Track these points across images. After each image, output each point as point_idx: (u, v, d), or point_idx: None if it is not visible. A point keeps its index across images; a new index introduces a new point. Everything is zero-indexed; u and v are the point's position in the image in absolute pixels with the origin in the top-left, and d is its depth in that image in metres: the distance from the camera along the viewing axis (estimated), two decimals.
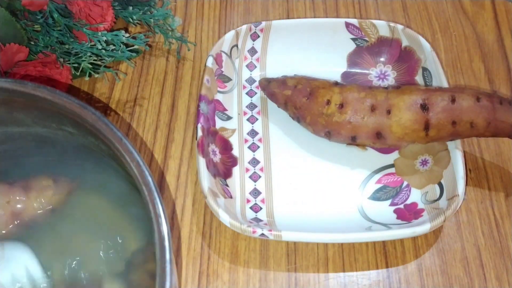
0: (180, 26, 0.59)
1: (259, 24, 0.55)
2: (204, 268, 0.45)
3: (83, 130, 0.33)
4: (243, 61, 0.55)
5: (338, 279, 0.45)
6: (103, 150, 0.34)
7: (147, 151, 0.51)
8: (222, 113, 0.52)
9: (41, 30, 0.50)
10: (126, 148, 0.31)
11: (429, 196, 0.47)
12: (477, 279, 0.45)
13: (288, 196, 0.48)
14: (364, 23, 0.54)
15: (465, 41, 0.59)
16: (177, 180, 0.49)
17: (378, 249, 0.46)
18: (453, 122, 0.45)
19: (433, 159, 0.49)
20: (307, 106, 0.49)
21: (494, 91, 0.55)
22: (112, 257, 0.38)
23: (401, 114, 0.46)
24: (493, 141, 0.52)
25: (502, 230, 0.47)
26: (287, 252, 0.46)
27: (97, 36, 0.49)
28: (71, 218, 0.40)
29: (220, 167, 0.49)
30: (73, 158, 0.39)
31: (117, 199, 0.39)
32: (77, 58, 0.50)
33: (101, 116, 0.31)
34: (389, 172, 0.50)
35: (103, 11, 0.50)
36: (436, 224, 0.44)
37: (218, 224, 0.47)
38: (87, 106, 0.32)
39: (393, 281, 0.45)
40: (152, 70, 0.56)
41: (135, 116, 0.53)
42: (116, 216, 0.39)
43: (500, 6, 0.62)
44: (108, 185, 0.39)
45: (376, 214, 0.47)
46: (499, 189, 0.49)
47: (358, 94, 0.47)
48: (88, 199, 0.40)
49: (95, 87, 0.54)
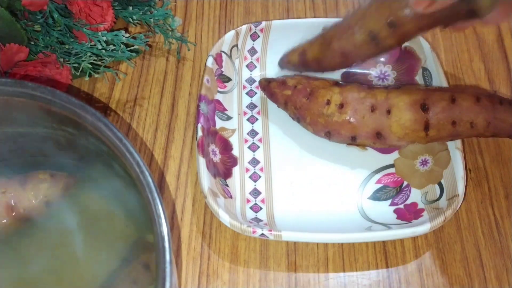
0: (180, 26, 0.59)
1: (259, 24, 0.55)
2: (204, 268, 0.45)
3: (84, 131, 0.33)
4: (243, 61, 0.55)
5: (338, 279, 0.45)
6: (104, 150, 0.34)
7: (147, 151, 0.51)
8: (222, 113, 0.52)
9: (41, 30, 0.50)
10: (126, 149, 0.31)
11: (429, 196, 0.47)
12: (477, 279, 0.45)
13: (288, 196, 0.48)
14: None
15: (465, 41, 0.59)
16: (177, 180, 0.49)
17: (378, 249, 0.46)
18: (453, 122, 0.45)
19: (433, 159, 0.49)
20: (307, 106, 0.49)
21: (494, 91, 0.55)
22: (108, 253, 0.38)
23: (401, 114, 0.45)
24: (493, 141, 0.52)
25: (502, 230, 0.47)
26: (287, 252, 0.46)
27: (97, 36, 0.49)
28: (69, 215, 0.40)
29: (220, 167, 0.49)
30: (73, 158, 0.39)
31: (116, 199, 0.39)
32: (77, 58, 0.50)
33: (101, 116, 0.31)
34: (389, 172, 0.50)
35: (103, 11, 0.50)
36: (436, 224, 0.44)
37: (218, 224, 0.47)
38: (87, 107, 0.32)
39: (393, 281, 0.45)
40: (152, 70, 0.56)
41: (135, 116, 0.53)
42: (115, 215, 0.39)
43: None
44: (107, 185, 0.39)
45: (376, 214, 0.47)
46: (499, 189, 0.49)
47: (358, 94, 0.47)
48: (87, 198, 0.40)
49: (95, 87, 0.54)
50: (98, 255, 0.38)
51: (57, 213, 0.40)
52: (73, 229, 0.39)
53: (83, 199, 0.40)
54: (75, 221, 0.39)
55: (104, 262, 0.38)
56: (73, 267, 0.38)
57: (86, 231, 0.39)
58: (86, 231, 0.39)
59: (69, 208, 0.40)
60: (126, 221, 0.38)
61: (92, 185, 0.39)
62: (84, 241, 0.38)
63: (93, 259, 0.38)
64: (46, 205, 0.40)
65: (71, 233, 0.39)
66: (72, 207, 0.40)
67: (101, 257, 0.38)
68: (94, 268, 0.38)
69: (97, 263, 0.38)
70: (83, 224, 0.39)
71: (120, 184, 0.37)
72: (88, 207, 0.40)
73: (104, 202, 0.39)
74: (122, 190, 0.37)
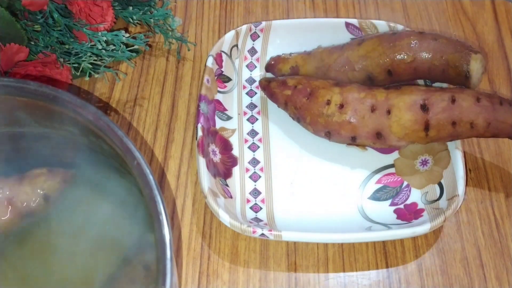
0: (180, 26, 0.59)
1: (259, 24, 0.55)
2: (204, 268, 0.45)
3: (85, 130, 0.33)
4: (243, 61, 0.55)
5: (338, 279, 0.45)
6: (104, 149, 0.34)
7: (147, 151, 0.51)
8: (222, 113, 0.52)
9: (41, 30, 0.50)
10: (127, 147, 0.31)
11: (429, 196, 0.47)
12: (477, 279, 0.45)
13: (288, 196, 0.48)
14: (364, 23, 0.54)
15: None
16: (177, 180, 0.49)
17: (378, 249, 0.46)
18: (453, 123, 0.45)
19: (433, 159, 0.49)
20: (307, 106, 0.49)
21: (494, 91, 0.55)
22: (107, 253, 0.38)
23: (401, 114, 0.46)
24: (493, 141, 0.52)
25: (502, 230, 0.47)
26: (287, 252, 0.46)
27: (97, 36, 0.49)
28: (69, 214, 0.40)
29: (220, 167, 0.49)
30: (74, 157, 0.39)
31: (117, 197, 0.39)
32: (77, 58, 0.50)
33: (102, 115, 0.31)
34: (389, 172, 0.50)
35: (103, 11, 0.50)
36: (436, 224, 0.44)
37: (218, 224, 0.47)
38: (88, 105, 0.32)
39: (393, 281, 0.45)
40: (152, 70, 0.56)
41: (135, 116, 0.53)
42: (115, 214, 0.39)
43: (500, 6, 0.62)
44: (108, 184, 0.39)
45: (376, 214, 0.47)
46: (499, 189, 0.49)
47: (358, 94, 0.47)
48: (87, 197, 0.40)
49: (95, 87, 0.54)
50: (98, 255, 0.38)
51: (57, 211, 0.40)
52: (73, 228, 0.39)
53: (83, 198, 0.40)
54: (76, 220, 0.39)
55: (104, 261, 0.38)
56: (72, 266, 0.38)
57: (86, 229, 0.39)
58: (86, 230, 0.39)
59: (69, 206, 0.40)
60: (127, 220, 0.38)
61: (92, 184, 0.39)
62: (84, 240, 0.38)
63: (92, 258, 0.38)
64: (45, 199, 0.39)
65: (71, 231, 0.39)
66: (72, 206, 0.40)
67: (101, 256, 0.38)
68: (93, 268, 0.38)
69: (97, 262, 0.38)
70: (82, 223, 0.39)
71: (120, 183, 0.37)
72: (89, 206, 0.40)
73: (104, 201, 0.39)
74: (123, 188, 0.37)
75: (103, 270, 0.38)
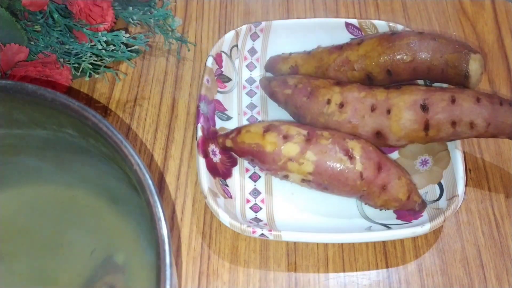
0: (180, 27, 0.59)
1: (259, 24, 0.55)
2: (204, 268, 0.45)
3: (84, 133, 0.33)
4: (243, 61, 0.55)
5: (338, 279, 0.45)
6: (103, 152, 0.34)
7: (147, 151, 0.51)
8: (222, 113, 0.52)
9: (41, 31, 0.50)
10: (126, 151, 0.31)
11: (429, 196, 0.47)
12: (477, 279, 0.45)
13: (288, 196, 0.49)
14: (364, 23, 0.54)
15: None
16: (177, 180, 0.49)
17: (378, 249, 0.46)
18: (453, 123, 0.45)
19: (433, 159, 0.49)
20: (307, 106, 0.49)
21: (494, 91, 0.55)
22: (103, 256, 0.38)
23: (401, 114, 0.46)
24: (493, 141, 0.52)
25: (502, 230, 0.47)
26: (287, 252, 0.46)
27: (97, 36, 0.49)
28: (67, 217, 0.40)
29: (220, 167, 0.49)
30: (73, 160, 0.39)
31: (115, 200, 0.39)
32: (77, 58, 0.50)
33: (102, 118, 0.31)
34: None
35: (103, 11, 0.50)
36: (436, 224, 0.44)
37: (218, 224, 0.47)
38: (87, 109, 0.32)
39: (393, 281, 0.45)
40: (152, 70, 0.56)
41: (135, 116, 0.53)
42: (113, 217, 0.39)
43: (500, 6, 0.62)
44: (107, 187, 0.39)
45: (376, 214, 0.47)
46: (499, 189, 0.49)
47: (358, 94, 0.47)
48: (86, 199, 0.40)
49: (95, 87, 0.54)
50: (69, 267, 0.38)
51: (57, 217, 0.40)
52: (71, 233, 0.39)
53: (84, 203, 0.40)
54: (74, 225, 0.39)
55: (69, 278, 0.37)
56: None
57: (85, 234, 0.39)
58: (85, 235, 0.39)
59: (69, 212, 0.40)
60: (125, 227, 0.38)
61: (93, 190, 0.39)
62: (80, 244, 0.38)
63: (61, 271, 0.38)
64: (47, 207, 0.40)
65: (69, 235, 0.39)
66: (72, 211, 0.40)
67: (69, 271, 0.38)
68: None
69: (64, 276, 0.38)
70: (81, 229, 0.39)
71: (119, 186, 0.37)
72: (88, 211, 0.40)
73: (105, 207, 0.39)
74: (121, 191, 0.37)
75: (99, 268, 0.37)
